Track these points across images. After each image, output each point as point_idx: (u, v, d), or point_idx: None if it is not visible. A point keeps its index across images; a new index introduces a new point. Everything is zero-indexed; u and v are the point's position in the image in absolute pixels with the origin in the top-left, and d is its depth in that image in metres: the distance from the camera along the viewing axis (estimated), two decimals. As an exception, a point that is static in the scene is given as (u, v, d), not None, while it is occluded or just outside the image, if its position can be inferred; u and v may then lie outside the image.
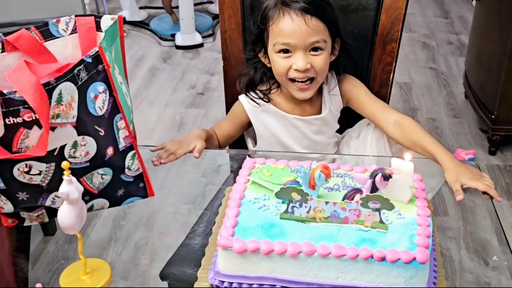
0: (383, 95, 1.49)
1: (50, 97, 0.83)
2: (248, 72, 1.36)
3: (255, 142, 1.42)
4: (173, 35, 3.62)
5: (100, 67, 0.90)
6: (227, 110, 1.58)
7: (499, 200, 1.09)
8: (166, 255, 1.04)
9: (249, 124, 1.38)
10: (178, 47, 3.55)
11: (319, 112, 1.36)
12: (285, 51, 1.23)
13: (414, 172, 0.91)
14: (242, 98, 1.37)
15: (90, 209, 1.00)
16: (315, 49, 1.23)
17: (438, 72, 3.29)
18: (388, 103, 1.52)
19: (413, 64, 3.36)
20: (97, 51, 0.89)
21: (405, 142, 1.25)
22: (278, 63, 1.24)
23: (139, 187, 1.04)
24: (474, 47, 2.79)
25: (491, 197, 1.09)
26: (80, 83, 0.87)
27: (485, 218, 1.14)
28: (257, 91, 1.35)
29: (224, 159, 1.36)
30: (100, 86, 0.91)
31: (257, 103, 1.34)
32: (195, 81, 3.22)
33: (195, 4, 3.70)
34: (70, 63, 0.87)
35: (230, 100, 1.57)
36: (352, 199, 0.89)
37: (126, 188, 1.01)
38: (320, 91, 1.35)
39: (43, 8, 2.84)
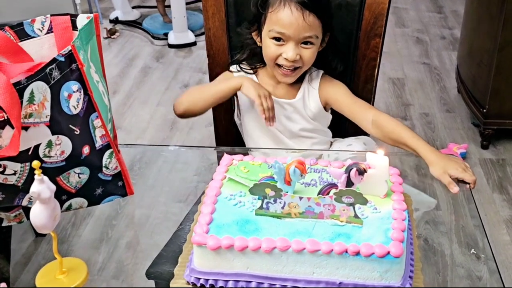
0: (368, 90, 1.49)
1: (21, 96, 0.83)
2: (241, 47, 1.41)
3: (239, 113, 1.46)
4: (165, 34, 3.61)
5: (73, 66, 0.90)
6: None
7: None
8: (157, 253, 1.04)
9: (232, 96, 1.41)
10: (170, 46, 3.55)
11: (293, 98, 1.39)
12: (278, 39, 1.27)
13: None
14: (233, 68, 1.41)
15: (68, 209, 1.00)
16: (306, 42, 1.27)
17: (431, 67, 3.29)
18: (375, 98, 1.52)
19: (406, 60, 3.36)
20: (70, 50, 0.89)
21: (386, 140, 1.27)
22: (270, 48, 1.29)
23: (118, 185, 1.04)
24: (466, 41, 2.78)
25: (470, 188, 1.09)
26: (52, 82, 0.87)
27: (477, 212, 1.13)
28: (245, 63, 1.41)
29: (216, 157, 1.37)
30: (74, 85, 0.91)
31: (245, 72, 1.39)
32: (188, 79, 3.21)
33: (187, 3, 3.70)
34: (42, 62, 0.87)
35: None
36: (327, 194, 0.89)
37: (104, 187, 1.02)
38: (302, 80, 1.38)
39: (34, 9, 2.83)
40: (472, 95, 2.61)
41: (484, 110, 2.47)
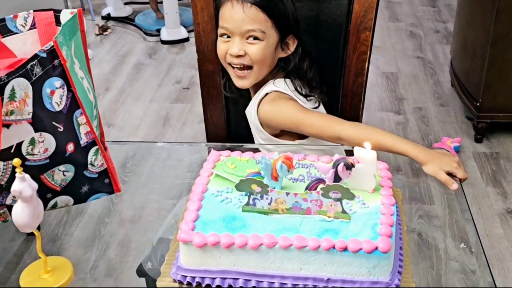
0: (359, 84, 1.47)
1: (2, 93, 0.82)
2: None
3: None
4: (158, 30, 3.60)
5: (56, 62, 0.89)
6: (204, 102, 1.58)
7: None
8: (149, 251, 1.03)
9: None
10: (163, 42, 3.54)
11: None
12: (227, 36, 1.27)
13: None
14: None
15: (53, 207, 0.99)
16: (251, 37, 1.25)
17: (425, 61, 3.28)
18: (365, 92, 1.50)
19: (400, 54, 3.35)
20: (52, 46, 0.87)
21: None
22: (219, 46, 1.30)
23: (104, 183, 1.02)
24: (459, 35, 2.78)
25: (461, 182, 1.08)
26: (34, 78, 0.85)
27: (470, 206, 1.13)
28: None
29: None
30: (56, 82, 0.89)
31: None
32: (181, 76, 3.20)
33: (180, -1, 3.69)
34: (24, 58, 0.86)
35: (206, 92, 1.56)
36: (315, 189, 0.88)
37: (90, 184, 1.00)
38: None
39: (24, 4, 2.81)
40: (466, 89, 2.60)
41: (478, 104, 2.47)
